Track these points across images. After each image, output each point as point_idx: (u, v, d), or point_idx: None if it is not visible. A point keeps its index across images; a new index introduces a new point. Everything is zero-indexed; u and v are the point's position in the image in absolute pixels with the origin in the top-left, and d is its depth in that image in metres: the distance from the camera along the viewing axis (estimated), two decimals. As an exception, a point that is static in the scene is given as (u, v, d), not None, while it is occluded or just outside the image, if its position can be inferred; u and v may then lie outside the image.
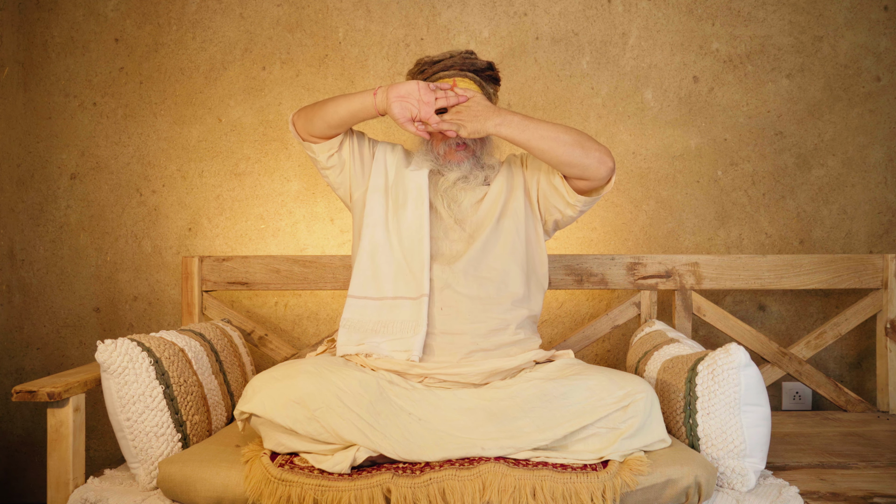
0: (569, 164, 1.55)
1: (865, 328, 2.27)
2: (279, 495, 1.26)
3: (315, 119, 1.62)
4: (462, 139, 1.63)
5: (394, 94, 1.55)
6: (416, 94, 1.56)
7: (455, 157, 1.67)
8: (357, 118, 1.61)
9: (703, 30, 2.30)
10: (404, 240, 1.63)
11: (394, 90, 1.56)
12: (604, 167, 1.56)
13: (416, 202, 1.65)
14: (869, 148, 2.31)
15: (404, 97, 1.55)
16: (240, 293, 2.31)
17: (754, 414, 1.42)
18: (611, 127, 2.31)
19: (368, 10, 2.30)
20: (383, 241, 1.64)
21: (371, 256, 1.63)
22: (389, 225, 1.65)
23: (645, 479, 1.29)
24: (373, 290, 1.61)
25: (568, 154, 1.54)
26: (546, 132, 1.54)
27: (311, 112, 1.63)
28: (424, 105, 1.56)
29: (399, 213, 1.65)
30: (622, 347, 2.32)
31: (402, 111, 1.56)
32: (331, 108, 1.61)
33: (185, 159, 2.31)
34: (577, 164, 1.55)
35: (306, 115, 1.64)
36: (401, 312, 1.57)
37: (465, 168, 1.66)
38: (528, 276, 1.68)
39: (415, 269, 1.59)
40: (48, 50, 2.31)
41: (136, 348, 1.48)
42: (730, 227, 2.31)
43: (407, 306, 1.57)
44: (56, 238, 2.32)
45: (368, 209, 1.67)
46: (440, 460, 1.31)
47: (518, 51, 2.30)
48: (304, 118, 1.64)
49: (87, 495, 1.41)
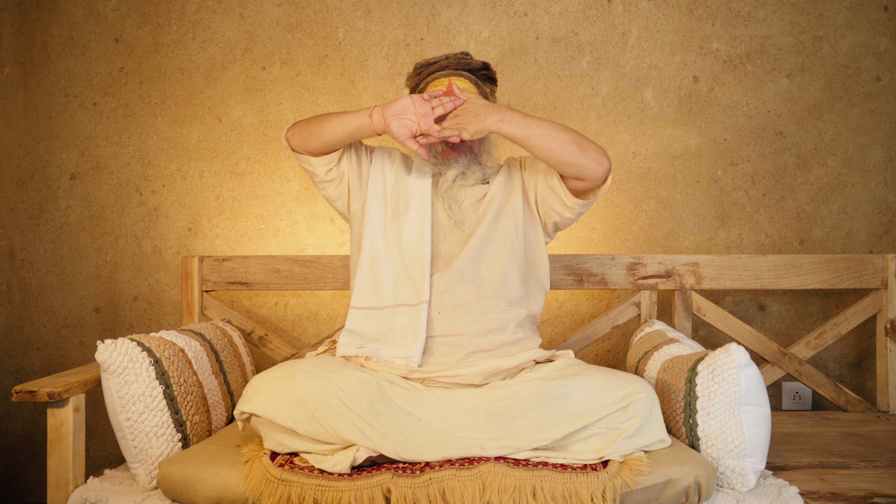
0: (567, 163, 1.55)
1: (865, 328, 2.27)
2: (279, 495, 1.26)
3: (310, 137, 1.60)
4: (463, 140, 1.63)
5: (390, 114, 1.54)
6: (412, 108, 1.54)
7: (453, 154, 1.66)
8: (354, 137, 1.60)
9: (703, 30, 2.30)
10: (405, 247, 1.62)
11: (389, 109, 1.54)
12: (601, 168, 1.56)
13: (419, 210, 1.64)
14: (869, 148, 2.31)
15: (400, 114, 1.54)
16: (240, 293, 2.31)
17: (754, 414, 1.42)
18: (611, 127, 2.31)
19: (368, 10, 2.30)
20: (383, 248, 1.64)
21: (371, 264, 1.63)
22: (388, 231, 1.65)
23: (645, 479, 1.29)
24: (374, 299, 1.61)
25: (567, 153, 1.53)
26: (546, 130, 1.53)
27: (306, 129, 1.61)
28: (423, 118, 1.54)
29: (399, 218, 1.65)
30: (622, 347, 2.32)
31: (400, 128, 1.54)
32: (327, 127, 1.59)
33: (185, 159, 2.31)
34: (575, 164, 1.55)
35: (301, 133, 1.62)
36: (400, 319, 1.57)
37: (463, 164, 1.66)
38: (528, 277, 1.68)
39: (415, 276, 1.59)
40: (48, 50, 2.31)
41: (136, 348, 1.48)
42: (730, 227, 2.31)
43: (406, 313, 1.57)
44: (56, 238, 2.32)
45: (368, 217, 1.66)
46: (440, 460, 1.31)
47: (518, 51, 2.30)
48: (299, 135, 1.62)
49: (87, 495, 1.41)
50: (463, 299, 1.58)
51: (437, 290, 1.59)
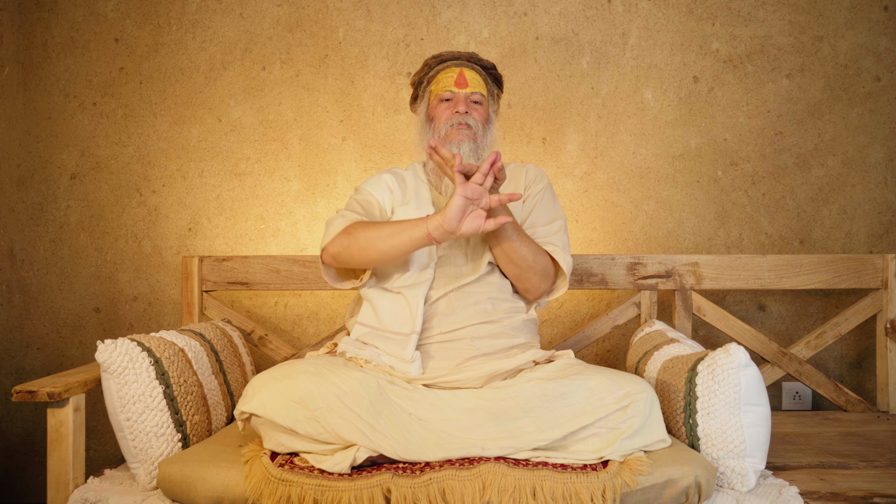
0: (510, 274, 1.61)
1: (865, 328, 2.27)
2: (279, 495, 1.26)
3: (352, 259, 1.54)
4: (466, 122, 1.63)
5: (454, 223, 1.42)
6: (470, 204, 1.43)
7: (456, 137, 1.64)
8: (411, 252, 1.54)
9: (703, 30, 2.30)
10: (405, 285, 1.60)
11: (450, 221, 1.41)
12: (546, 283, 1.63)
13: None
14: (869, 148, 2.31)
15: (464, 216, 1.42)
16: (240, 293, 2.31)
17: (754, 414, 1.42)
18: (611, 127, 2.31)
19: (368, 10, 2.30)
20: (385, 277, 1.64)
21: (371, 291, 1.63)
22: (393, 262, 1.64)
23: (645, 479, 1.29)
24: (373, 321, 1.61)
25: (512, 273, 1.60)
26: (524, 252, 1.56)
27: (346, 251, 1.53)
28: (479, 198, 1.42)
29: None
30: (622, 347, 2.32)
31: (474, 225, 1.43)
32: (372, 251, 1.50)
33: (185, 159, 2.31)
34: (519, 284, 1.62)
35: (339, 255, 1.55)
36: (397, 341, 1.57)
37: (465, 150, 1.63)
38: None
39: (412, 305, 1.58)
40: (48, 50, 2.31)
41: (136, 348, 1.48)
42: (730, 227, 2.31)
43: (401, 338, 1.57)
44: (56, 238, 2.32)
45: None
46: (440, 460, 1.31)
47: (518, 51, 2.30)
48: (340, 259, 1.56)
49: (87, 495, 1.41)
50: (463, 303, 1.58)
51: (438, 292, 1.59)
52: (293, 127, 2.31)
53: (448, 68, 1.69)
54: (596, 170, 2.31)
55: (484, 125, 1.67)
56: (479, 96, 1.68)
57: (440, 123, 1.66)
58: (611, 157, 2.31)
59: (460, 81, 1.66)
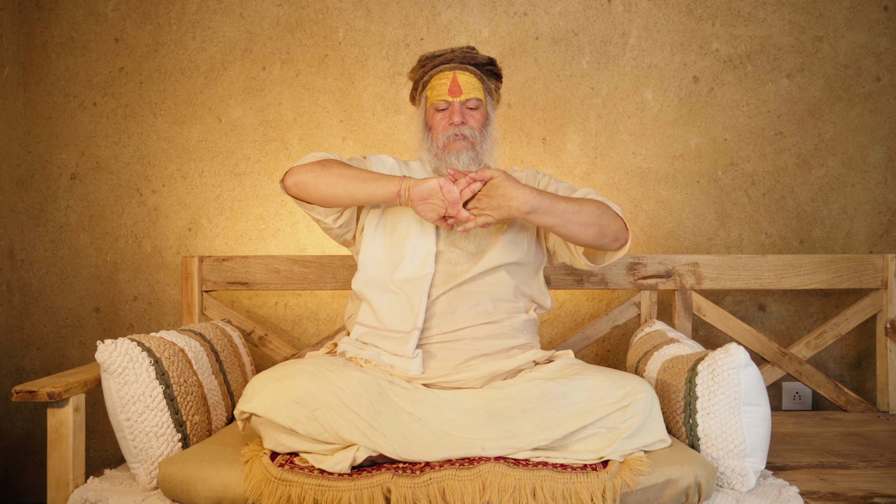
0: (584, 244, 1.59)
1: (865, 328, 2.27)
2: (279, 495, 1.26)
3: (316, 192, 1.54)
4: (462, 134, 1.63)
5: (417, 197, 1.51)
6: (440, 195, 1.51)
7: (454, 148, 1.64)
8: (371, 203, 1.56)
9: (703, 30, 2.30)
10: (405, 276, 1.61)
11: (416, 191, 1.50)
12: (617, 243, 1.60)
13: (421, 238, 1.63)
14: (869, 148, 2.31)
15: (427, 199, 1.52)
16: (240, 293, 2.31)
17: (754, 414, 1.42)
18: (611, 127, 2.31)
19: (368, 10, 2.30)
20: (381, 275, 1.63)
21: (369, 287, 1.63)
22: (388, 257, 1.64)
23: (645, 479, 1.29)
24: (373, 321, 1.61)
25: (587, 237, 1.56)
26: (571, 216, 1.51)
27: (313, 182, 1.53)
28: (452, 205, 1.51)
29: (401, 244, 1.64)
30: (622, 347, 2.32)
31: (428, 212, 1.53)
32: (341, 189, 1.52)
33: (185, 159, 2.31)
34: (592, 244, 1.58)
35: (306, 185, 1.54)
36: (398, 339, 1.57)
37: (465, 160, 1.63)
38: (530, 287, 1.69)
39: (414, 301, 1.58)
40: (48, 50, 2.31)
41: (136, 348, 1.48)
42: (730, 227, 2.31)
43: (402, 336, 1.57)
44: (56, 238, 2.32)
45: (365, 245, 1.66)
46: (440, 460, 1.31)
47: (518, 51, 2.30)
48: (304, 187, 1.54)
49: (87, 495, 1.41)
50: (464, 305, 1.58)
51: (437, 294, 1.59)
52: (293, 127, 2.31)
53: (441, 73, 1.66)
54: (596, 170, 2.31)
55: (481, 130, 1.66)
56: (475, 101, 1.66)
57: (437, 134, 1.66)
58: (611, 157, 2.31)
59: (454, 89, 1.64)
